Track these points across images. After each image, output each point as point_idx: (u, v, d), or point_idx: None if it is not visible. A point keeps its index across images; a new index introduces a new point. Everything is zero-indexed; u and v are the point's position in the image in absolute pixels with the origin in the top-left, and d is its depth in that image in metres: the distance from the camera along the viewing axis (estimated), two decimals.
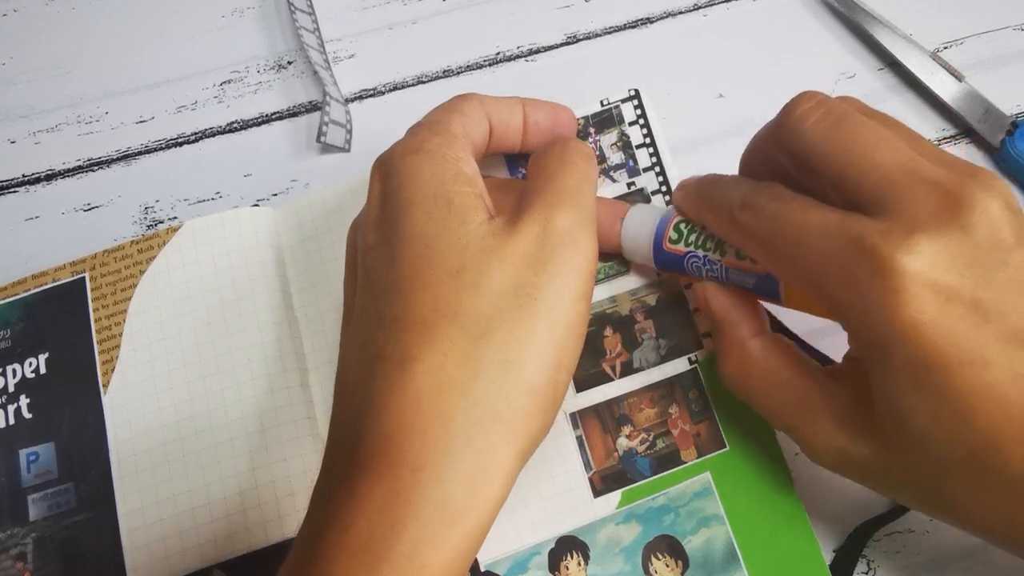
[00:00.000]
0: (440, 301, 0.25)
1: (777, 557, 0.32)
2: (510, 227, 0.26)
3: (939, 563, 0.34)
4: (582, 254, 0.26)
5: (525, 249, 0.26)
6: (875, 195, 0.24)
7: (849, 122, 0.25)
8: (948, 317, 0.22)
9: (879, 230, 0.23)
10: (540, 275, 0.25)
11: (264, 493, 0.33)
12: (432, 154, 0.27)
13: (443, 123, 0.29)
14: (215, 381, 0.35)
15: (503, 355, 0.24)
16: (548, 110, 0.33)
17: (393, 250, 0.26)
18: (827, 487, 0.34)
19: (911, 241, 0.22)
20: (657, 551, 0.33)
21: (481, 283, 0.25)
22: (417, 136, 0.28)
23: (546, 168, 0.28)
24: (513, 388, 0.24)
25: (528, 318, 0.25)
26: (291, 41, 0.45)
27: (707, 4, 0.45)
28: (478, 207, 0.27)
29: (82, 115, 0.43)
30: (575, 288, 0.26)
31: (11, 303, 0.37)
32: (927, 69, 0.41)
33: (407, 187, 0.27)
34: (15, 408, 0.35)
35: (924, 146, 0.25)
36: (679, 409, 0.34)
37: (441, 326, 0.24)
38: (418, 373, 0.24)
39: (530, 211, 0.26)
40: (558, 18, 0.45)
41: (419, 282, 0.25)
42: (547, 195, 0.27)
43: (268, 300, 0.36)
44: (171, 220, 0.41)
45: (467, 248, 0.25)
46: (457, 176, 0.27)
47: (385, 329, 0.25)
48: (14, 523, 0.34)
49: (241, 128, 0.43)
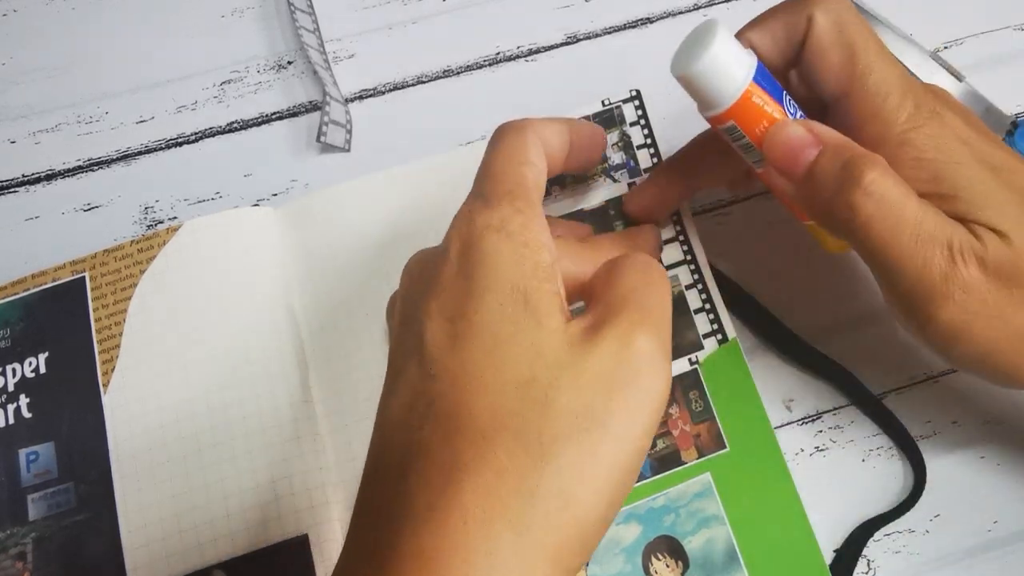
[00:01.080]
0: (502, 410, 0.22)
1: (777, 557, 0.32)
2: (587, 339, 0.24)
3: (939, 563, 0.34)
4: (660, 384, 0.24)
5: (602, 368, 0.23)
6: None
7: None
8: None
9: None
10: (614, 400, 0.23)
11: (264, 493, 0.33)
12: (514, 238, 0.25)
13: (520, 186, 0.26)
14: (215, 381, 0.35)
15: (561, 485, 0.22)
16: (589, 132, 0.32)
17: (458, 334, 0.24)
18: (827, 487, 0.34)
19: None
20: (657, 551, 0.33)
21: (550, 400, 0.23)
22: (499, 210, 0.25)
23: (628, 280, 0.25)
24: (565, 523, 0.22)
25: (594, 448, 0.22)
26: (291, 41, 0.45)
27: (707, 4, 0.45)
28: (555, 308, 0.24)
29: (82, 115, 0.43)
30: (647, 420, 0.23)
31: (11, 303, 0.37)
32: (927, 69, 0.41)
33: (484, 270, 0.24)
34: (15, 408, 0.35)
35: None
36: (679, 410, 0.34)
37: (500, 440, 0.22)
38: (467, 490, 0.22)
39: (611, 326, 0.24)
40: (558, 18, 0.45)
41: (481, 383, 0.23)
42: (630, 310, 0.24)
43: (268, 300, 0.36)
44: (171, 220, 0.41)
45: (540, 357, 0.23)
46: (537, 268, 0.25)
47: (434, 421, 0.23)
48: (14, 523, 0.34)
49: (241, 128, 0.43)
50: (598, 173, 0.38)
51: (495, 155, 0.28)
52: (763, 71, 0.28)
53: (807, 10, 0.28)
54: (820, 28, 0.28)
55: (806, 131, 0.28)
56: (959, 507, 0.34)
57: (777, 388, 0.36)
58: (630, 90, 0.38)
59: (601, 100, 0.38)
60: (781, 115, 0.28)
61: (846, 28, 0.28)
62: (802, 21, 0.29)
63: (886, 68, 0.28)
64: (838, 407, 0.36)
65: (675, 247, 0.36)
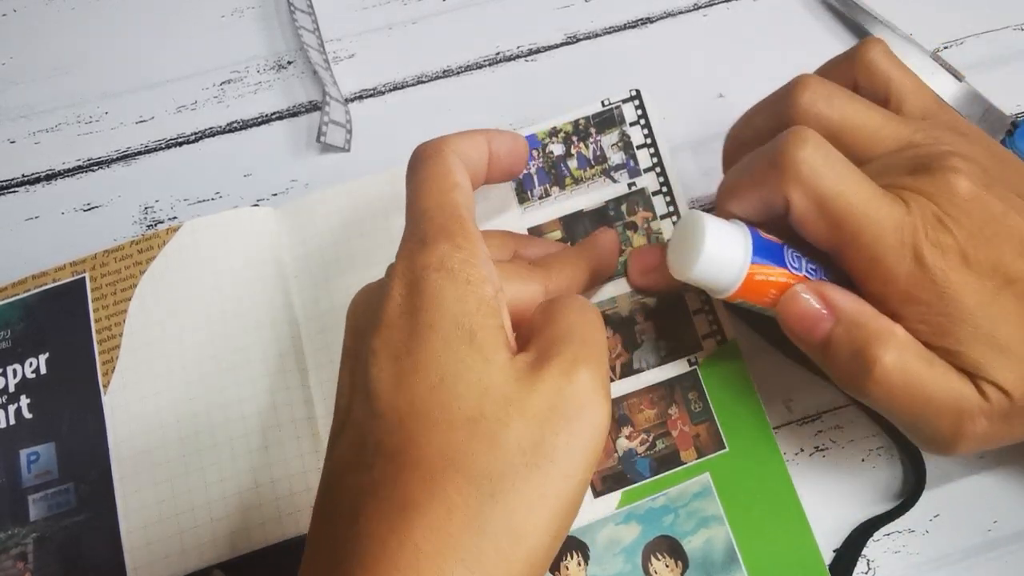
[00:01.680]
0: (450, 448, 0.23)
1: (776, 557, 0.32)
2: (532, 373, 0.24)
3: (939, 563, 0.34)
4: (602, 418, 0.24)
5: (547, 403, 0.23)
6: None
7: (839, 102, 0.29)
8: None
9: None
10: (560, 435, 0.23)
11: (264, 493, 0.34)
12: (455, 275, 0.25)
13: (454, 217, 0.26)
14: (215, 381, 0.35)
15: (510, 520, 0.22)
16: (509, 141, 0.31)
17: (403, 371, 0.24)
18: (827, 487, 0.34)
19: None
20: (657, 551, 0.33)
21: (498, 436, 0.23)
22: (437, 248, 0.25)
23: (565, 316, 0.26)
24: (514, 556, 0.22)
25: (542, 483, 0.23)
26: (291, 41, 0.45)
27: (707, 4, 0.45)
28: (500, 343, 0.24)
29: (82, 115, 0.43)
30: (590, 455, 0.24)
31: (11, 303, 0.37)
32: (927, 69, 0.41)
33: (427, 309, 0.24)
34: (15, 408, 0.35)
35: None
36: (679, 410, 0.34)
37: (449, 477, 0.22)
38: (418, 526, 0.22)
39: (555, 360, 0.24)
40: (558, 18, 0.45)
41: (429, 420, 0.23)
42: (571, 345, 0.25)
43: (268, 300, 0.36)
44: (171, 220, 0.41)
45: (487, 393, 0.23)
46: (480, 304, 0.25)
47: (384, 459, 0.23)
48: (14, 523, 0.34)
49: (241, 128, 0.43)
50: (598, 173, 0.38)
51: (421, 186, 0.27)
52: (759, 244, 0.28)
53: (781, 189, 0.27)
54: (799, 208, 0.27)
55: (818, 302, 0.28)
56: (959, 507, 0.34)
57: (777, 388, 0.36)
58: (630, 90, 0.38)
59: (601, 100, 0.38)
60: (788, 279, 0.28)
61: (824, 201, 0.27)
62: (778, 199, 0.28)
63: (875, 225, 0.26)
64: (838, 407, 0.36)
65: None
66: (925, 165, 0.27)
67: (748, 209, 0.29)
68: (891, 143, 0.29)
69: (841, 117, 0.29)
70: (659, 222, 0.37)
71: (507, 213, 0.37)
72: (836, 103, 0.29)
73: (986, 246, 0.26)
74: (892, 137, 0.29)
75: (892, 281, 0.27)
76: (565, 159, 0.38)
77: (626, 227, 0.37)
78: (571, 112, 0.38)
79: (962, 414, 0.26)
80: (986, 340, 0.26)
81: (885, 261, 0.26)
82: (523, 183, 0.38)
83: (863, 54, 0.31)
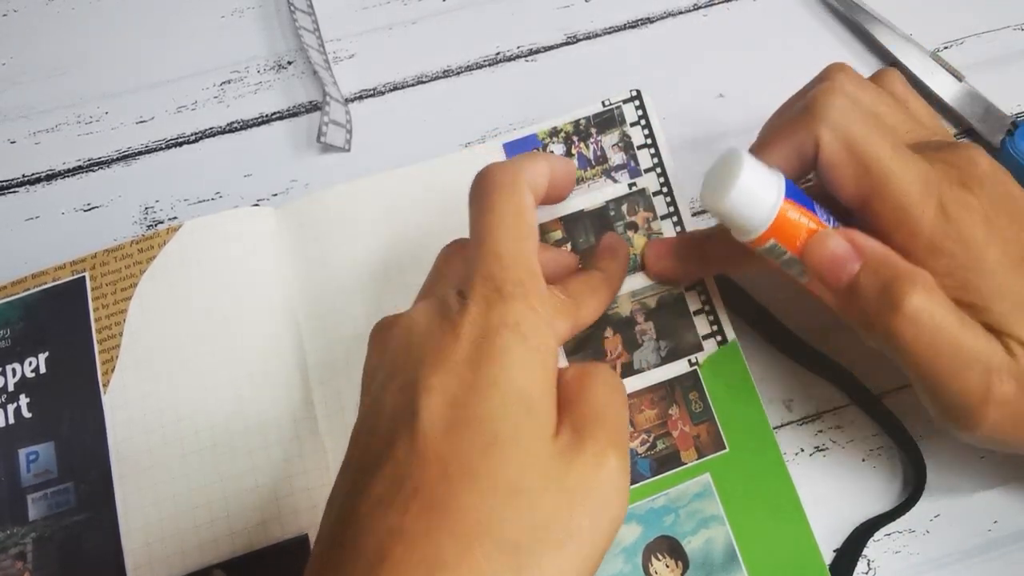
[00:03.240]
0: (488, 513, 0.23)
1: (776, 558, 0.32)
2: (569, 453, 0.24)
3: (939, 563, 0.34)
4: (623, 505, 0.25)
5: (581, 485, 0.24)
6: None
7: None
8: None
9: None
10: (585, 518, 0.24)
11: (264, 493, 0.34)
12: (527, 341, 0.25)
13: (531, 274, 0.26)
14: (215, 381, 0.35)
15: None
16: (564, 168, 0.31)
17: (457, 421, 0.24)
18: (827, 487, 0.34)
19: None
20: (657, 551, 0.33)
21: (534, 510, 0.23)
22: (514, 306, 0.25)
23: (598, 395, 0.26)
24: None
25: (566, 561, 0.23)
26: (291, 41, 0.45)
27: (707, 4, 0.45)
28: (551, 419, 0.25)
29: (82, 115, 0.43)
30: (607, 540, 0.24)
31: (11, 303, 0.37)
32: (927, 69, 0.41)
33: (494, 367, 0.24)
34: (15, 407, 0.35)
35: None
36: (679, 410, 0.34)
37: (481, 542, 0.22)
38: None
39: (588, 443, 0.25)
40: (558, 18, 0.45)
41: (473, 479, 0.23)
42: (604, 428, 0.25)
43: (268, 300, 0.36)
44: (171, 220, 0.41)
45: (532, 466, 0.24)
46: (544, 374, 0.25)
47: (420, 507, 0.23)
48: (14, 523, 0.34)
49: (241, 128, 0.43)
50: (598, 173, 0.38)
51: (498, 222, 0.27)
52: (792, 187, 0.28)
53: (812, 130, 0.28)
54: (828, 149, 0.28)
55: (847, 244, 0.28)
56: (959, 507, 0.34)
57: (777, 388, 0.36)
58: (630, 90, 0.38)
59: (601, 100, 0.38)
60: (818, 225, 0.28)
61: (854, 143, 0.27)
62: (809, 142, 0.28)
63: (902, 173, 0.27)
64: (838, 407, 0.36)
65: None
66: (948, 144, 0.29)
67: (780, 158, 0.29)
68: (912, 136, 0.30)
69: (870, 101, 0.30)
70: (659, 222, 0.37)
71: None
72: (866, 93, 0.30)
73: (1007, 218, 0.27)
74: (914, 130, 0.30)
75: (918, 232, 0.27)
76: None
77: (627, 227, 0.37)
78: (572, 112, 0.38)
79: (990, 370, 0.26)
80: (1012, 297, 0.26)
81: (911, 211, 0.27)
82: None
83: (880, 84, 0.31)
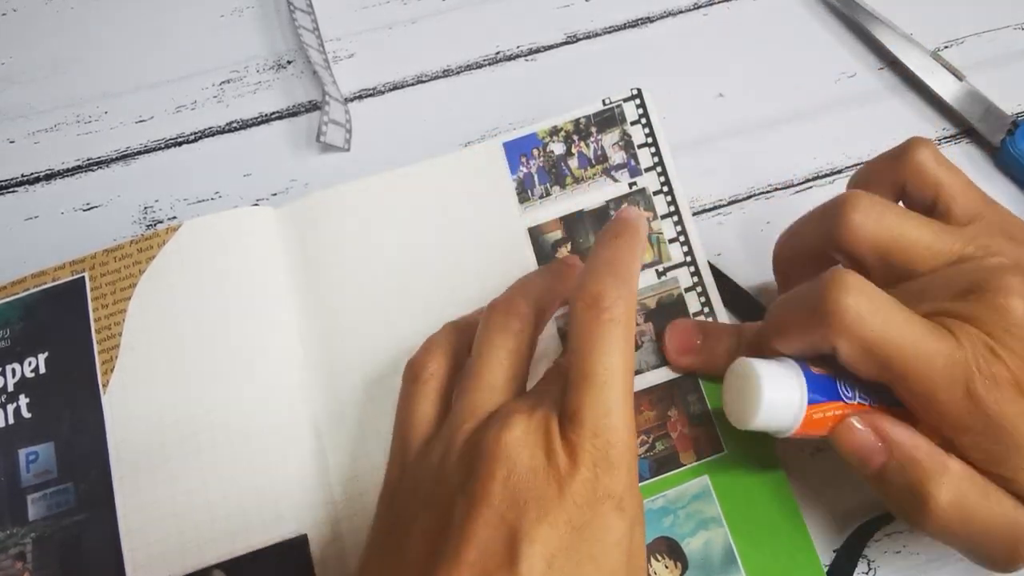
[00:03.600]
0: None
1: (774, 559, 0.32)
2: None
3: (939, 563, 0.34)
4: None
5: None
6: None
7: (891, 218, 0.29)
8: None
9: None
10: None
11: (264, 493, 0.34)
12: (625, 514, 0.26)
13: (631, 450, 0.27)
14: (215, 381, 0.35)
15: None
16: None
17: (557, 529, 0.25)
18: (827, 487, 0.34)
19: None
20: (656, 552, 0.33)
21: None
22: (620, 482, 0.26)
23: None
24: None
25: None
26: (291, 41, 0.45)
27: (707, 4, 0.45)
28: None
29: (81, 115, 0.43)
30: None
31: (11, 303, 0.37)
32: (927, 68, 0.41)
33: (594, 540, 0.25)
34: (15, 408, 0.35)
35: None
36: (678, 412, 0.34)
37: None
38: None
39: None
40: (558, 18, 0.45)
41: None
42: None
43: (267, 300, 0.36)
44: (171, 220, 0.41)
45: None
46: (633, 551, 0.26)
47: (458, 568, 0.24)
48: (14, 523, 0.34)
49: (241, 128, 0.43)
50: (599, 173, 0.38)
51: (614, 371, 0.27)
52: (812, 383, 0.28)
53: (827, 339, 0.27)
54: (846, 355, 0.27)
55: (872, 435, 0.28)
56: None
57: None
58: (631, 89, 0.38)
59: (602, 100, 0.38)
60: (843, 410, 0.28)
61: (872, 347, 0.27)
62: (826, 345, 0.28)
63: (925, 366, 0.26)
64: None
65: (675, 247, 0.36)
66: (977, 285, 0.27)
67: (795, 349, 0.29)
68: (942, 258, 0.28)
69: (891, 237, 0.28)
70: (660, 222, 0.37)
71: (507, 213, 0.37)
72: (886, 222, 0.29)
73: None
74: (944, 252, 0.28)
75: (945, 414, 0.26)
76: (566, 158, 0.38)
77: None
78: (572, 111, 0.38)
79: (1018, 540, 0.27)
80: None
81: (936, 397, 0.26)
82: (523, 182, 0.38)
83: (912, 156, 0.30)
